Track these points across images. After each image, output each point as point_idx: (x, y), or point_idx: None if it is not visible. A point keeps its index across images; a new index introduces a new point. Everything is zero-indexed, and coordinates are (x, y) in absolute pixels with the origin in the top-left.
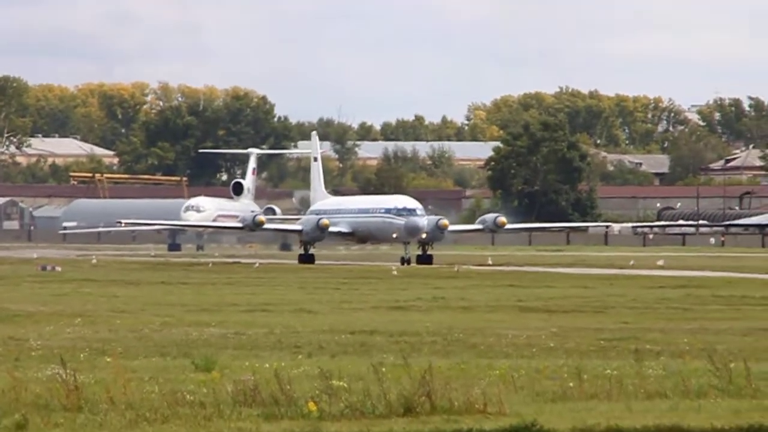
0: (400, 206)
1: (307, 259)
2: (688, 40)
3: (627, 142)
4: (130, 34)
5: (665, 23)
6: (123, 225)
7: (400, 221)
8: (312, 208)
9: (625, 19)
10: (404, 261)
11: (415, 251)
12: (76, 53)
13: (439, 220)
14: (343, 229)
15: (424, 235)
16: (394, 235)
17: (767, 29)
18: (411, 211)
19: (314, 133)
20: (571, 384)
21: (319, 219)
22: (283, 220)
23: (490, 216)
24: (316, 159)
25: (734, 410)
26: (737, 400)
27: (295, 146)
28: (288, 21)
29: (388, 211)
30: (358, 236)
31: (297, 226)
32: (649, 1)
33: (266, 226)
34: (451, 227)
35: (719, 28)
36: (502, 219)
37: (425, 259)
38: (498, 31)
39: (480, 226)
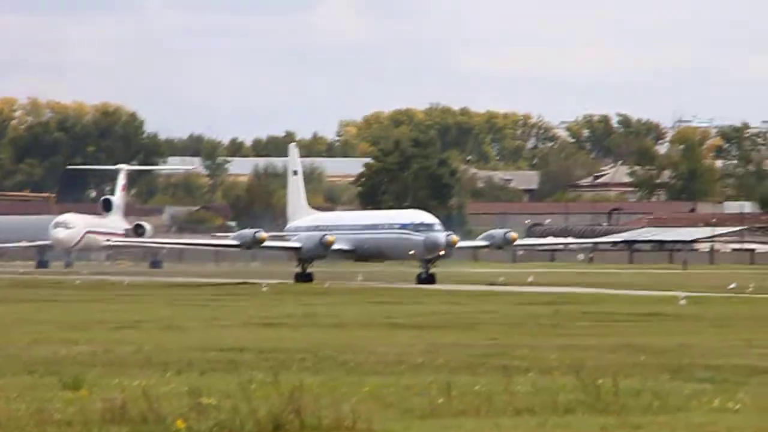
0: (418, 221)
1: (304, 278)
2: (558, 57)
3: (497, 158)
4: None
5: (534, 40)
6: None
7: (419, 237)
8: (296, 224)
9: (494, 36)
10: (421, 280)
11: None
12: None
13: (448, 236)
14: (344, 246)
15: (442, 252)
16: (411, 252)
17: (634, 47)
18: (429, 227)
19: (293, 145)
20: (440, 400)
21: (324, 236)
22: (278, 237)
23: (498, 231)
24: (296, 172)
25: (602, 426)
26: (605, 416)
27: (165, 162)
28: (158, 36)
29: (404, 226)
30: (360, 254)
31: (295, 244)
32: (518, 18)
33: (266, 243)
34: (459, 243)
35: (587, 45)
36: (513, 234)
37: (428, 279)
38: (368, 48)
39: (486, 243)
